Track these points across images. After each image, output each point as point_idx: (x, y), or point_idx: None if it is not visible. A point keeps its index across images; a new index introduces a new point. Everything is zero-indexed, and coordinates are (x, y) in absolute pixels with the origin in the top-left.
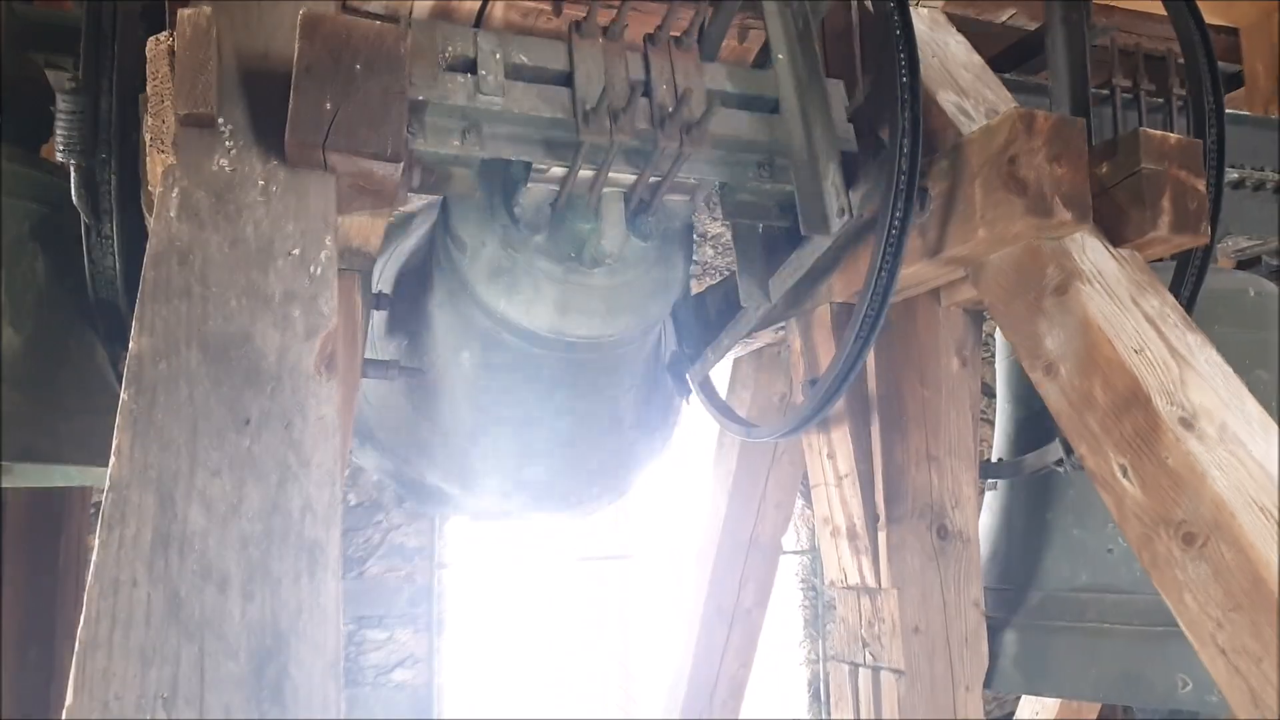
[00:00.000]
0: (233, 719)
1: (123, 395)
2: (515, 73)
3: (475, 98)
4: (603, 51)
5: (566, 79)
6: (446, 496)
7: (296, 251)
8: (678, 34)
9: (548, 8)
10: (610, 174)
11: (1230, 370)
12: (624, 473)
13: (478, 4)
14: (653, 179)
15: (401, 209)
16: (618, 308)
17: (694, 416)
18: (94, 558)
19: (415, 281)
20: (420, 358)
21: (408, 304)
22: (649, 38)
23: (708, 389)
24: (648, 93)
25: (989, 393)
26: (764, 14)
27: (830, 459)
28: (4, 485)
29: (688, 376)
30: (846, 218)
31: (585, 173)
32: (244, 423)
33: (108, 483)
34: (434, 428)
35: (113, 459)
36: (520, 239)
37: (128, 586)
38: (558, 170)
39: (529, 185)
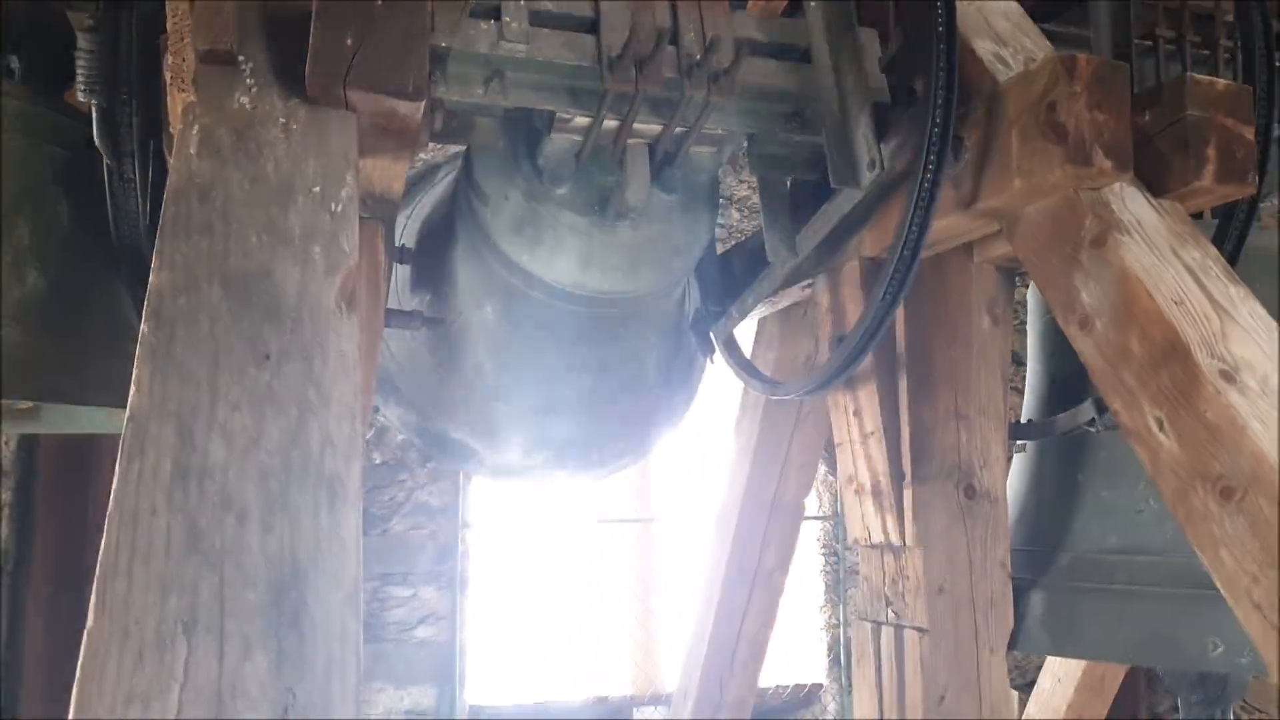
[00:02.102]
0: (252, 647)
1: (142, 329)
2: (539, 19)
3: (499, 45)
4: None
5: (592, 25)
6: (469, 452)
7: (317, 189)
8: None
9: None
10: (636, 125)
11: (1274, 324)
12: (646, 431)
13: None
14: (679, 130)
15: (424, 158)
16: (641, 262)
17: (717, 378)
18: (114, 487)
19: (438, 235)
20: (443, 311)
21: (431, 258)
22: None
23: (732, 347)
24: (675, 41)
25: (1019, 360)
26: None
27: (856, 416)
28: (34, 431)
29: (711, 334)
30: (878, 170)
31: (609, 123)
32: (264, 358)
33: (127, 414)
34: (457, 382)
35: (132, 391)
36: (543, 192)
37: (147, 516)
38: (582, 120)
39: (552, 135)
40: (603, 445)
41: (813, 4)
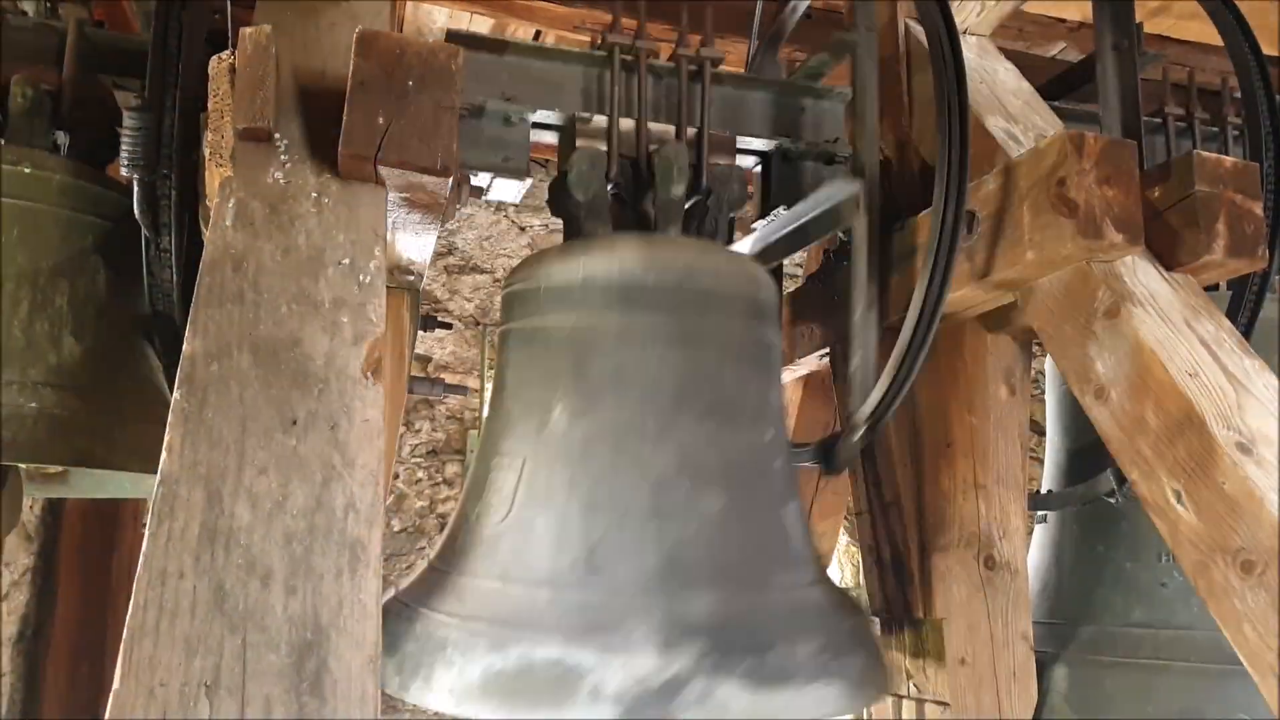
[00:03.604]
0: (273, 709)
1: (175, 394)
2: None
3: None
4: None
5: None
6: (574, 676)
7: (346, 261)
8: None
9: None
10: (652, 128)
11: None
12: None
13: (530, 35)
14: (691, 132)
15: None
16: (710, 249)
17: None
18: (143, 549)
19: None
20: (499, 482)
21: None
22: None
23: None
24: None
25: (1038, 430)
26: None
27: (875, 486)
28: (62, 496)
29: None
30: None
31: (627, 123)
32: (291, 423)
33: (158, 477)
34: (534, 580)
35: (164, 455)
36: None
37: (174, 578)
38: (600, 120)
39: (577, 145)
40: (778, 629)
41: None
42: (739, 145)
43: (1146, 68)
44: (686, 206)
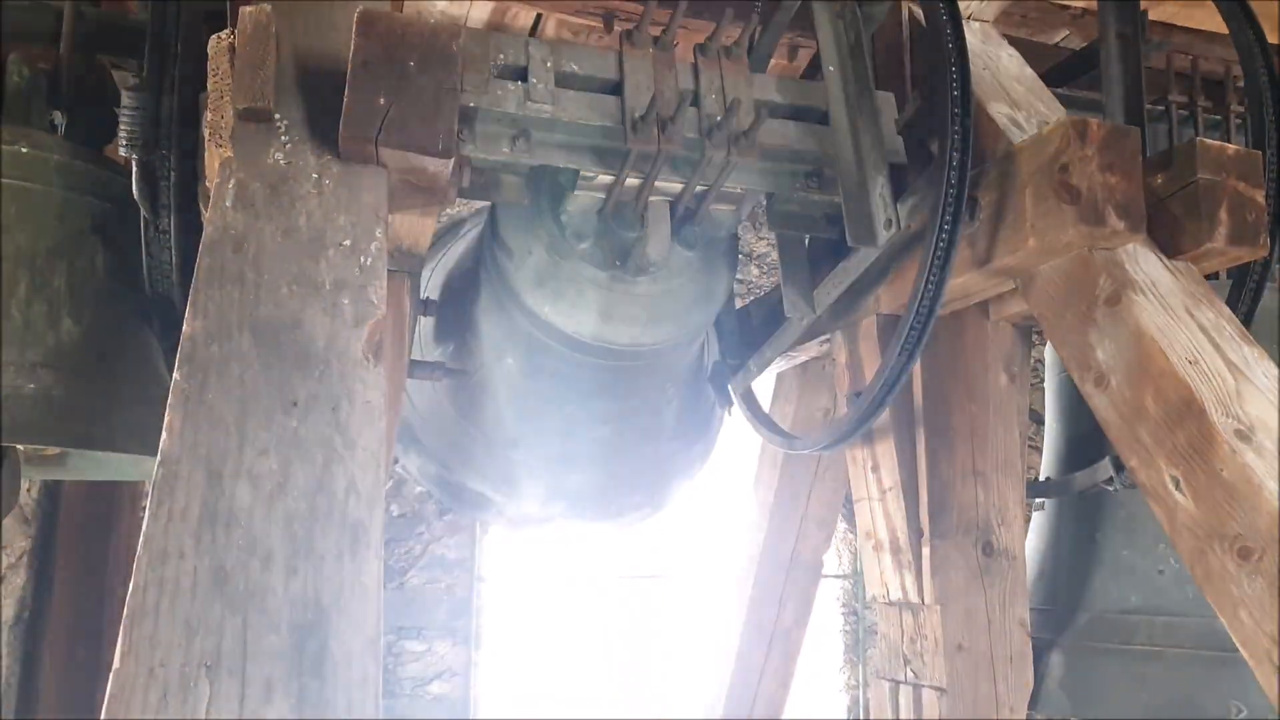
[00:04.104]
0: (273, 690)
1: (175, 375)
2: (565, 81)
3: (525, 105)
4: (652, 62)
5: (616, 88)
6: (488, 502)
7: (347, 242)
8: (727, 44)
9: (599, 25)
10: (657, 183)
11: None
12: (663, 483)
13: (531, 19)
14: (699, 188)
15: (450, 213)
16: (660, 316)
17: (735, 435)
18: (144, 529)
19: (462, 287)
20: (465, 361)
21: (454, 309)
22: (699, 48)
23: (750, 401)
24: (696, 102)
25: (1037, 419)
26: (815, 23)
27: (874, 472)
28: (60, 478)
29: (730, 387)
30: (894, 229)
31: (632, 181)
32: (292, 404)
33: (159, 458)
34: (477, 433)
35: (164, 435)
36: (566, 247)
37: (175, 558)
38: (605, 178)
39: (576, 193)
40: (619, 496)
41: (831, 69)
42: None
43: (1150, 55)
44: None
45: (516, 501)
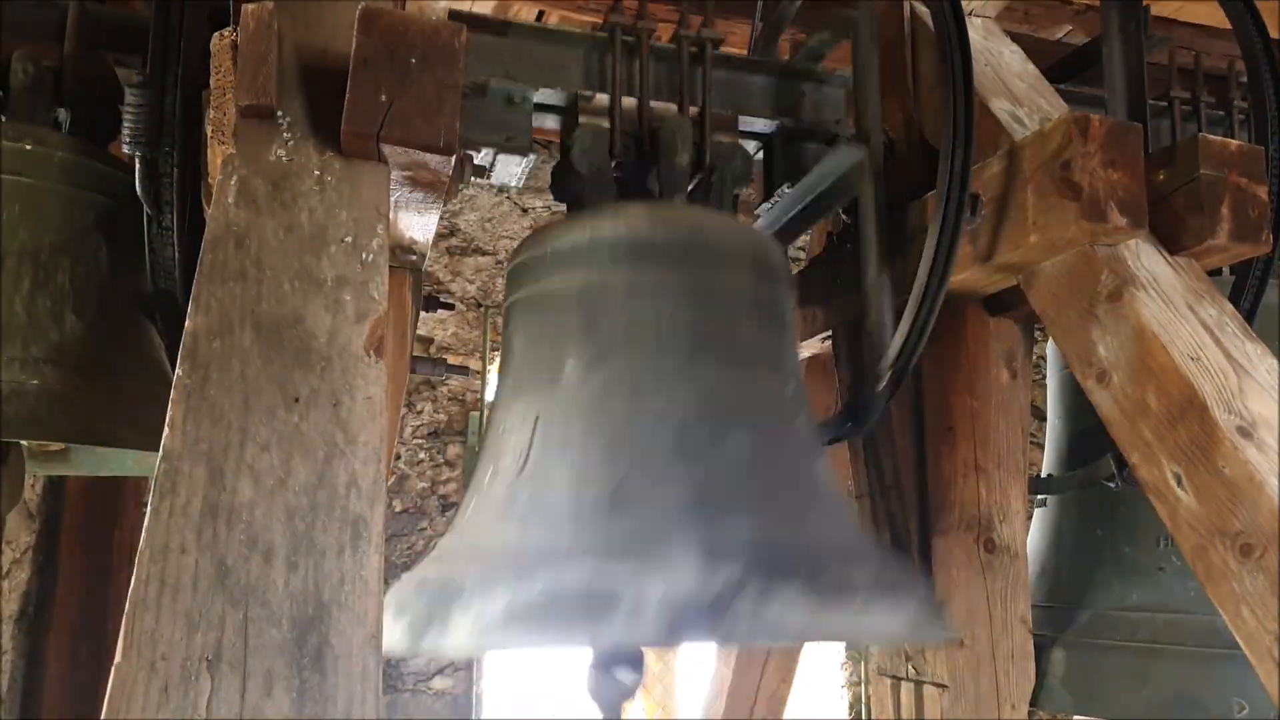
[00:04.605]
0: (274, 684)
1: (177, 371)
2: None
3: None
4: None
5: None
6: (610, 593)
7: (349, 239)
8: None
9: (600, 21)
10: (653, 105)
11: None
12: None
13: (533, 16)
14: (693, 111)
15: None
16: (712, 213)
17: None
18: (145, 524)
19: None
20: (507, 443)
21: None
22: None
23: None
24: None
25: (1039, 415)
26: None
27: (875, 468)
28: (63, 473)
29: None
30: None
31: (629, 101)
32: (293, 400)
33: (161, 453)
34: (551, 520)
35: (166, 431)
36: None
37: (176, 553)
38: (602, 98)
39: (580, 122)
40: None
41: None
42: (741, 128)
43: (1153, 51)
44: (690, 186)
45: (658, 571)
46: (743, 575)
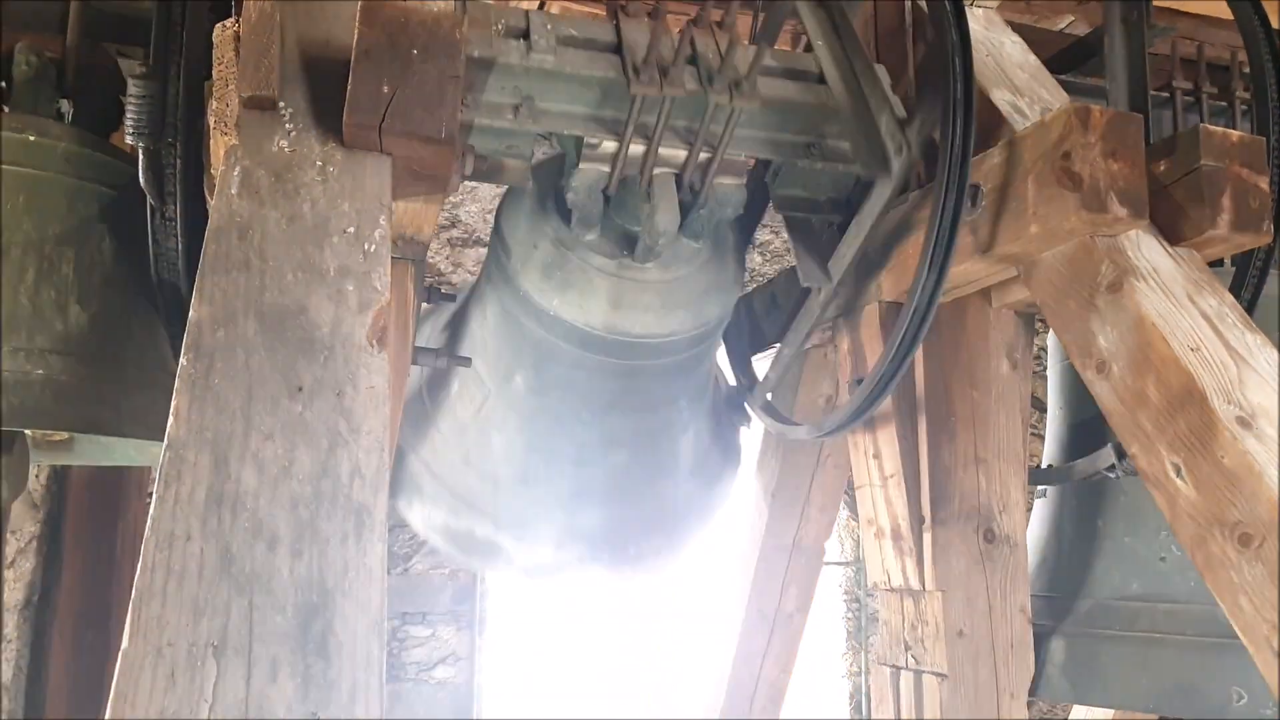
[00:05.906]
0: (279, 670)
1: (181, 361)
2: (566, 42)
3: (529, 57)
4: (649, 27)
5: (615, 47)
6: (497, 549)
7: (351, 229)
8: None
9: (601, 11)
10: (661, 150)
11: None
12: (683, 524)
13: (534, 7)
14: (703, 155)
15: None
16: (672, 303)
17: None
18: (151, 512)
19: (462, 323)
20: (471, 390)
21: (454, 345)
22: (691, 21)
23: (770, 410)
24: (694, 61)
25: (1040, 406)
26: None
27: (876, 459)
28: (67, 462)
29: (746, 404)
30: (905, 155)
31: (636, 148)
32: (297, 389)
33: (165, 442)
34: (483, 474)
35: (171, 420)
36: (572, 238)
37: (182, 540)
38: (609, 146)
39: (581, 166)
40: (637, 539)
41: (820, 43)
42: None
43: (1155, 42)
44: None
45: (528, 546)
46: (574, 558)
